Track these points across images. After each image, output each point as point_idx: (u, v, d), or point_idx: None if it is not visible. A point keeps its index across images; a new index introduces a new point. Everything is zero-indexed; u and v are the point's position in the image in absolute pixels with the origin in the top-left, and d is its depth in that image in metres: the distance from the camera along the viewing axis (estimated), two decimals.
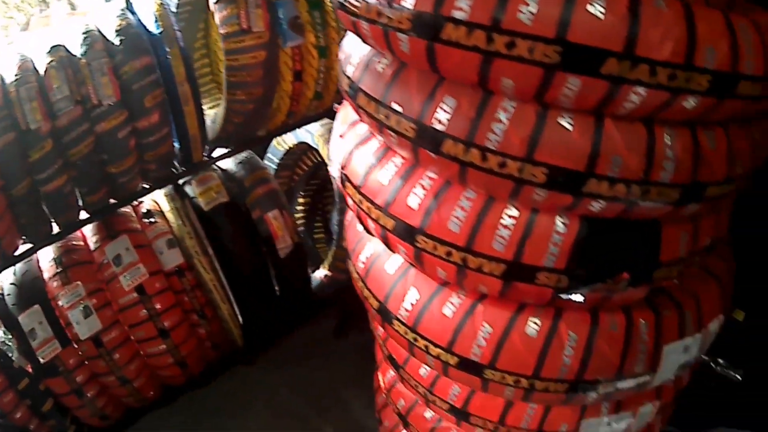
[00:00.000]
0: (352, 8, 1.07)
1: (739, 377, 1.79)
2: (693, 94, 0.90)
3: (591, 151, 0.93)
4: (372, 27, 1.04)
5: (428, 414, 1.43)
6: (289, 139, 2.30)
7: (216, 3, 1.79)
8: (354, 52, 1.22)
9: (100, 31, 1.81)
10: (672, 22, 0.87)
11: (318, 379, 2.21)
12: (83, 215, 1.97)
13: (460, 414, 1.30)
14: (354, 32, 1.16)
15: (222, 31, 1.81)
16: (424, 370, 1.33)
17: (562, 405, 1.23)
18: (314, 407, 2.13)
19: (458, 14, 0.90)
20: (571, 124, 0.94)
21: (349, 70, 1.21)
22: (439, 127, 1.01)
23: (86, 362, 1.95)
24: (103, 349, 1.93)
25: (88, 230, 2.02)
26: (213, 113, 2.06)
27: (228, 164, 2.15)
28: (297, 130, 2.17)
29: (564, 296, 1.06)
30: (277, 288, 2.02)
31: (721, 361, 1.80)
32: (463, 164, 1.00)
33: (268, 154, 2.43)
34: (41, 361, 1.92)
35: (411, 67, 1.07)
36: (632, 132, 0.94)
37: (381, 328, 1.36)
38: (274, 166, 2.39)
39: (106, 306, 1.93)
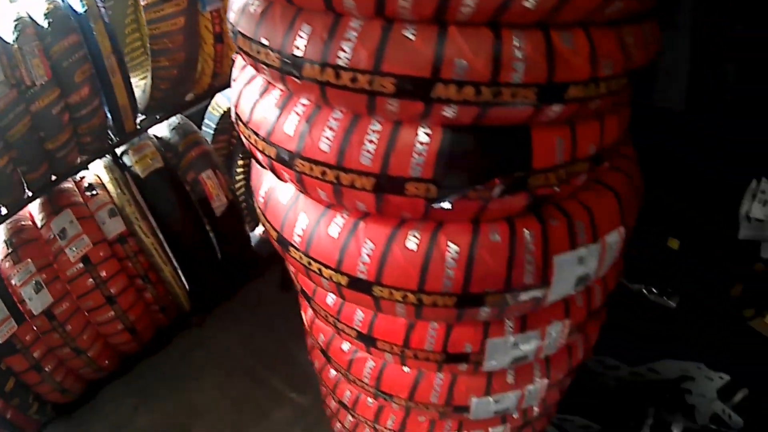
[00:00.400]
0: None
1: (673, 304, 1.85)
2: None
3: (434, 57, 1.02)
4: None
5: (345, 346, 1.54)
6: (223, 103, 2.43)
7: None
8: (235, 0, 1.33)
9: (30, 17, 1.98)
10: None
11: (266, 334, 2.37)
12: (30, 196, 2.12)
13: (367, 340, 1.40)
14: None
15: (143, 3, 1.96)
16: (330, 299, 1.43)
17: (460, 322, 1.31)
18: (263, 362, 2.30)
19: None
20: (414, 34, 1.03)
21: (231, 16, 1.32)
22: (298, 53, 1.11)
23: (41, 337, 2.11)
24: (55, 322, 2.09)
25: (35, 209, 2.18)
26: (144, 84, 2.19)
27: (163, 131, 2.29)
28: (229, 93, 2.28)
29: (435, 205, 1.15)
30: (216, 246, 2.16)
31: (654, 289, 1.87)
32: (322, 84, 1.10)
33: (205, 120, 2.56)
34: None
35: (275, 3, 1.18)
36: (477, 36, 1.02)
37: (292, 266, 1.46)
38: (212, 132, 2.52)
39: (55, 279, 2.09)
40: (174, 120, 2.33)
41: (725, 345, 1.85)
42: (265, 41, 1.18)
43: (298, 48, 1.11)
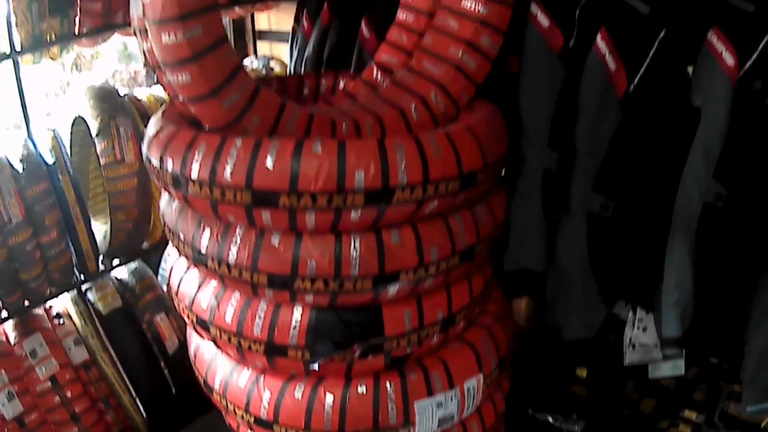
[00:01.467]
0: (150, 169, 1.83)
1: (578, 430, 2.39)
2: (354, 209, 1.53)
3: (292, 259, 1.58)
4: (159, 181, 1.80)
5: None
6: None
7: (96, 136, 2.62)
8: (163, 198, 1.98)
9: (7, 159, 2.58)
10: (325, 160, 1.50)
11: None
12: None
13: None
14: None
15: (102, 162, 2.59)
16: None
17: None
18: None
19: (194, 175, 1.62)
20: (278, 242, 1.61)
21: (161, 207, 1.96)
22: (203, 250, 1.69)
23: None
24: (25, 429, 2.68)
25: (9, 328, 2.82)
26: (104, 229, 2.86)
27: (123, 273, 2.99)
28: None
29: (311, 366, 1.77)
30: (170, 381, 2.83)
31: (559, 416, 2.42)
32: (221, 275, 1.71)
33: (162, 264, 3.25)
34: None
35: (186, 207, 1.78)
36: (322, 241, 1.58)
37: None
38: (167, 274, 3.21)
39: (26, 392, 2.68)
40: (132, 264, 3.01)
41: None
42: (182, 236, 1.77)
43: (202, 245, 1.69)
